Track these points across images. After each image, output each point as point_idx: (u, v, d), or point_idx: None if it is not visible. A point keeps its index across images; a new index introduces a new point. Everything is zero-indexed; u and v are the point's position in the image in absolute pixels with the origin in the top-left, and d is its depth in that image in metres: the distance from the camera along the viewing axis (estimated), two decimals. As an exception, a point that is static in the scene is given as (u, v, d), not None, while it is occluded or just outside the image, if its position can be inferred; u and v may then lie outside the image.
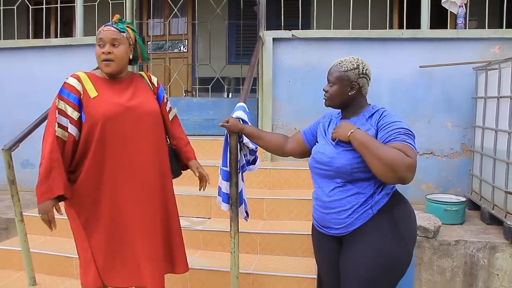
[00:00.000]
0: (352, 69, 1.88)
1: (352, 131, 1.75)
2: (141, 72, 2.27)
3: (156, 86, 2.26)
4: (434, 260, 3.07)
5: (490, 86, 3.41)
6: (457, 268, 3.07)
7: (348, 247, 1.86)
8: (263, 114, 4.07)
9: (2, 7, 4.58)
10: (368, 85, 1.94)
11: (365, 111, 1.91)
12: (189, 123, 4.34)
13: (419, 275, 3.09)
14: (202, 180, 2.35)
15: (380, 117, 1.84)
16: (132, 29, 2.11)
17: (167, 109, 2.30)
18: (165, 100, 2.29)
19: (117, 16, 2.08)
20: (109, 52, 1.97)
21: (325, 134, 2.00)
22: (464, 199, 3.51)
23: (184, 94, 5.98)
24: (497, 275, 3.04)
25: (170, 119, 2.30)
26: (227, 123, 2.28)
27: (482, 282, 3.07)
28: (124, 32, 2.02)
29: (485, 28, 3.91)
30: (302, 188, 3.60)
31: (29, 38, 4.80)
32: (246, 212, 2.55)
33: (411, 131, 1.76)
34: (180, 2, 4.65)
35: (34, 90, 4.45)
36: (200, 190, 2.36)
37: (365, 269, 1.80)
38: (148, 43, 6.59)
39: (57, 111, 1.93)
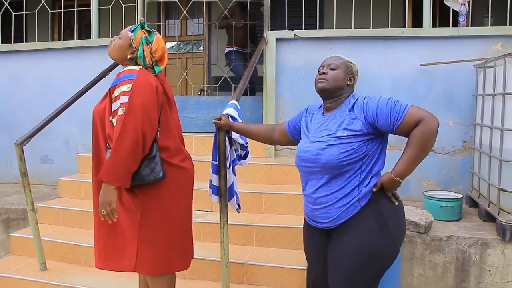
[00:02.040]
0: (354, 63, 2.00)
1: (393, 178, 1.82)
2: (123, 69, 2.19)
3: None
4: (426, 255, 3.12)
5: (488, 84, 3.43)
6: (449, 264, 3.11)
7: (335, 238, 1.92)
8: (267, 112, 4.19)
9: (24, 12, 4.87)
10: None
11: (345, 101, 1.95)
12: (198, 120, 4.50)
13: (411, 269, 3.15)
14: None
15: (364, 107, 1.86)
16: (149, 31, 2.15)
17: (113, 108, 2.06)
18: (113, 99, 2.07)
19: (140, 19, 2.22)
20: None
21: (308, 131, 2.04)
22: (460, 196, 3.53)
23: (199, 93, 6.15)
24: (489, 271, 3.07)
25: (114, 124, 2.04)
26: (220, 120, 2.39)
27: (474, 277, 3.10)
28: (132, 33, 2.13)
29: (503, 25, 3.90)
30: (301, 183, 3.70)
31: (50, 40, 5.06)
32: (238, 205, 2.66)
33: (391, 97, 1.84)
34: (190, 4, 4.82)
35: (52, 90, 4.70)
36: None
37: (348, 258, 1.85)
38: (166, 43, 6.82)
39: None
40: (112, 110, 2.04)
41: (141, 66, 2.13)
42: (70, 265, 3.23)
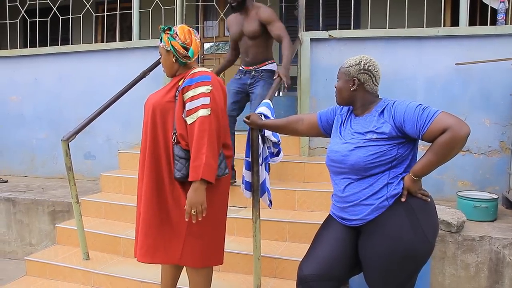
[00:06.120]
0: (353, 65, 1.97)
1: (413, 179, 1.85)
2: (193, 70, 2.22)
3: (184, 80, 2.18)
4: (458, 255, 3.11)
5: (526, 83, 3.37)
6: (481, 264, 3.08)
7: (364, 239, 1.94)
8: (301, 111, 4.25)
9: (70, 16, 5.13)
10: (373, 81, 1.98)
11: (376, 106, 1.97)
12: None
13: (442, 269, 3.14)
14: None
15: (393, 111, 1.88)
16: (169, 33, 2.22)
17: (188, 107, 2.13)
18: (183, 98, 2.16)
19: (158, 27, 2.33)
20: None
21: (340, 132, 2.08)
22: (495, 196, 3.48)
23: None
24: (524, 273, 3.03)
25: (188, 122, 2.13)
26: (248, 119, 2.50)
27: (508, 279, 3.06)
28: (161, 42, 2.26)
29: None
30: (333, 182, 3.75)
31: (94, 42, 5.30)
32: (270, 201, 2.74)
33: (421, 103, 1.85)
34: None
35: (96, 89, 4.92)
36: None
37: (381, 259, 1.87)
38: (204, 44, 7.03)
39: None
40: (187, 110, 2.13)
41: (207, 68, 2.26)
42: (111, 255, 3.41)
